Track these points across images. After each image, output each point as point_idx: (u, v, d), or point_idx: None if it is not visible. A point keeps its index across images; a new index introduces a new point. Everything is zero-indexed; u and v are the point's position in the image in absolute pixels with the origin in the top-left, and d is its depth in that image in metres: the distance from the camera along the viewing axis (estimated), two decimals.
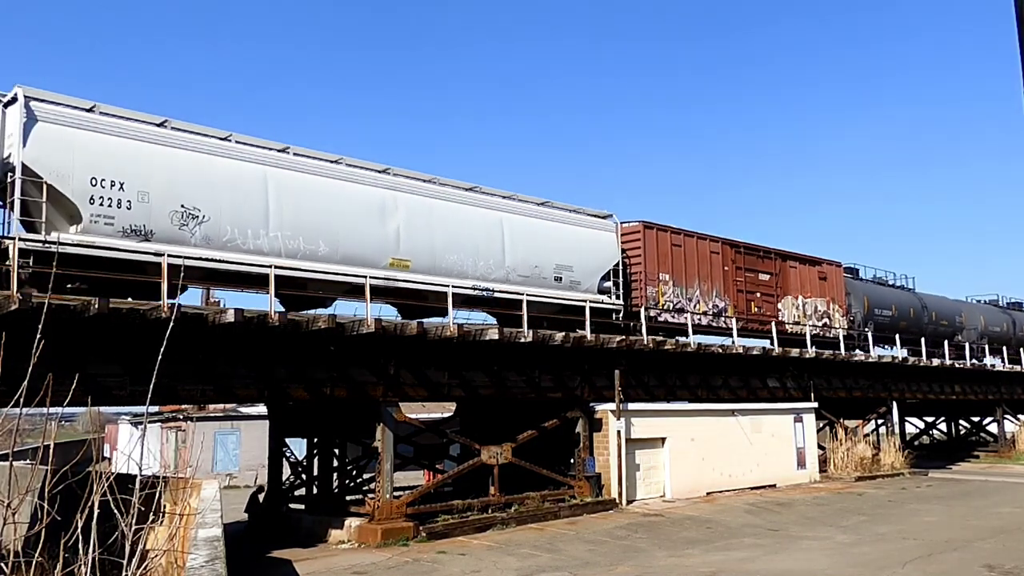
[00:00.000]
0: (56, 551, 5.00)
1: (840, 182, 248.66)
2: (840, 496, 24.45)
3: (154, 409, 31.79)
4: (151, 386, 5.62)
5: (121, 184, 14.43)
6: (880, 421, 33.86)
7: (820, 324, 29.70)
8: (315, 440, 21.21)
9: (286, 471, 21.74)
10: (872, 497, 24.27)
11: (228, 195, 15.83)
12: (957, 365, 35.82)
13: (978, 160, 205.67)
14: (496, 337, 18.26)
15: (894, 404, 34.33)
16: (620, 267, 23.28)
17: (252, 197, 16.16)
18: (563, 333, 20.22)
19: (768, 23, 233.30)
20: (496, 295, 19.66)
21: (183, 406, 33.95)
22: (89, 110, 14.79)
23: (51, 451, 4.99)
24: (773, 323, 26.97)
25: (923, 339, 34.42)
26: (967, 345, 37.63)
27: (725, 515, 20.44)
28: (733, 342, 25.32)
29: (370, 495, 19.23)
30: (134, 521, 5.19)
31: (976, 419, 46.67)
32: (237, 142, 16.68)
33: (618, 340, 21.42)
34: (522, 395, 20.59)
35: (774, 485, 25.98)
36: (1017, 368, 40.58)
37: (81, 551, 4.96)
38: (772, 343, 26.66)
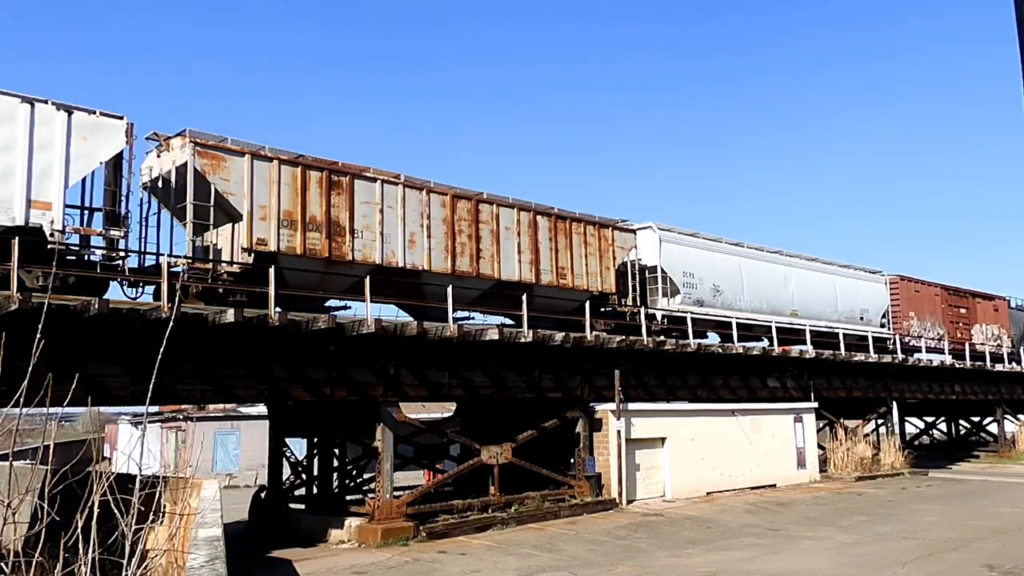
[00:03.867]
0: (56, 551, 4.99)
1: (841, 181, 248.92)
2: (840, 496, 24.46)
3: (154, 409, 31.79)
4: (151, 386, 5.61)
5: (692, 274, 25.37)
6: (880, 421, 33.86)
7: (995, 344, 40.06)
8: (315, 440, 21.21)
9: (286, 471, 21.74)
10: (872, 497, 24.28)
11: (727, 276, 26.75)
12: (957, 365, 35.89)
13: (977, 160, 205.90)
14: (496, 337, 18.27)
15: (894, 404, 34.50)
16: (888, 308, 34.41)
17: (735, 276, 27.17)
18: (563, 333, 20.27)
19: (769, 23, 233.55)
20: (835, 331, 30.15)
21: (183, 406, 33.98)
22: (669, 231, 25.41)
23: (51, 451, 4.99)
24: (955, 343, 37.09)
25: None
26: None
27: (725, 515, 20.45)
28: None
29: (370, 495, 19.24)
30: (134, 521, 5.19)
31: (976, 419, 46.60)
32: (725, 243, 27.74)
33: (618, 340, 21.45)
34: (522, 395, 20.59)
35: (774, 485, 25.99)
36: (1017, 368, 40.57)
37: (81, 551, 4.96)
38: (967, 359, 36.55)
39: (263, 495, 20.92)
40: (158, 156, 16.46)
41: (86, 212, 14.85)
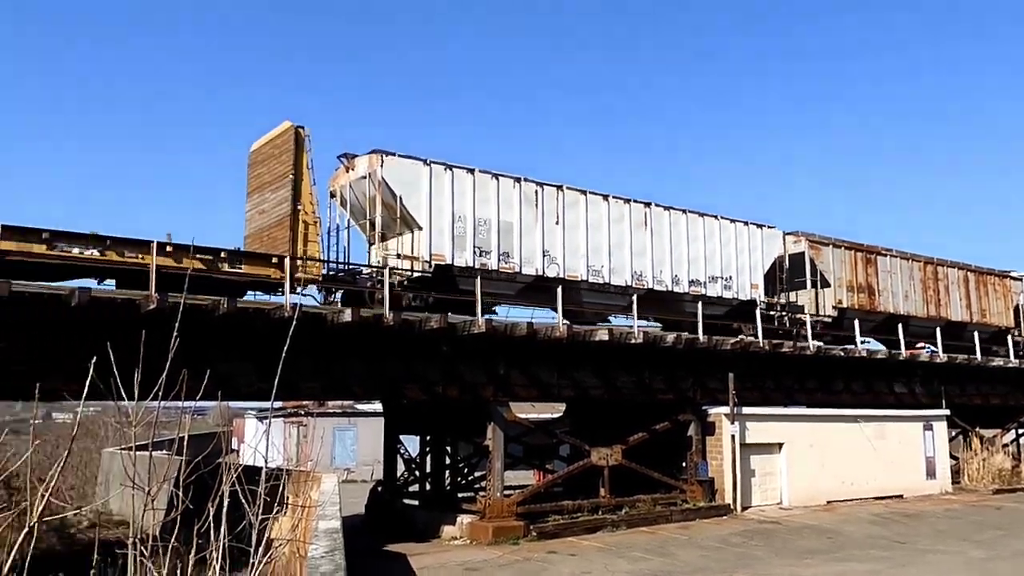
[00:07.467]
0: (190, 537, 5.29)
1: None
2: (975, 509, 22.98)
3: (278, 404, 33.25)
4: (276, 382, 5.85)
5: None
6: (1022, 431, 31.62)
7: None
8: (428, 438, 21.67)
9: (400, 467, 22.31)
10: (1011, 511, 22.68)
11: None
12: None
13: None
14: (606, 338, 18.14)
15: None
16: None
17: None
18: (675, 334, 19.93)
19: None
20: None
21: (304, 402, 35.43)
22: None
23: (186, 442, 5.28)
24: None
25: None
26: None
27: (847, 525, 19.58)
28: None
29: (481, 493, 19.49)
30: (260, 511, 5.43)
31: None
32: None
33: (732, 342, 20.87)
34: (632, 396, 20.37)
35: (901, 495, 24.67)
36: None
37: (212, 538, 5.23)
38: None
39: (379, 490, 21.55)
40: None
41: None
